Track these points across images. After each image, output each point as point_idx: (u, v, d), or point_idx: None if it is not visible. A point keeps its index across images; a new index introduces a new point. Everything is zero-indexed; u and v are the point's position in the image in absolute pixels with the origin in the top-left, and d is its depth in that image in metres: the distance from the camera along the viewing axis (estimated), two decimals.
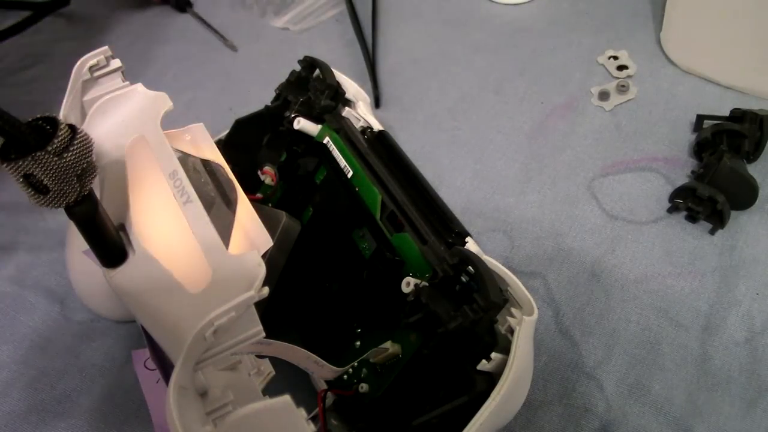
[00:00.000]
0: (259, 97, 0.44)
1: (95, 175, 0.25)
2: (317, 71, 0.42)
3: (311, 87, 0.41)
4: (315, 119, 0.40)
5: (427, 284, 0.31)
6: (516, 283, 0.30)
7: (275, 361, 0.31)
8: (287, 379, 0.33)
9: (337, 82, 0.40)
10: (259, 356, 0.31)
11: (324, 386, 0.34)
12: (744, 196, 0.43)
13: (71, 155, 0.23)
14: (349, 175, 0.37)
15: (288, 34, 0.62)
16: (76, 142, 0.23)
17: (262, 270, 0.24)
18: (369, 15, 0.61)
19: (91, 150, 0.24)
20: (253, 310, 0.24)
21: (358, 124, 0.40)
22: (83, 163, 0.24)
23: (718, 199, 0.41)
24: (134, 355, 0.39)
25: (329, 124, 0.39)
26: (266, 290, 0.24)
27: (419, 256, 0.32)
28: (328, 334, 0.36)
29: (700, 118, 0.48)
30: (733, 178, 0.42)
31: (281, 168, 0.41)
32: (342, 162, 0.37)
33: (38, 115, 0.23)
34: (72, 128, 0.23)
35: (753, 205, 0.43)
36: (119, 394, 0.39)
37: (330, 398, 0.33)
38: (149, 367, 0.38)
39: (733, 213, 0.43)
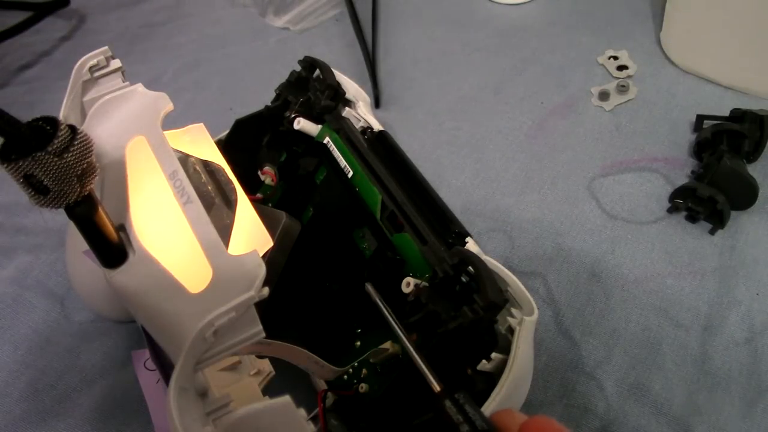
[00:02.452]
0: (259, 97, 0.44)
1: (95, 176, 0.25)
2: (317, 71, 0.42)
3: (311, 87, 0.41)
4: (315, 119, 0.40)
5: (427, 284, 0.31)
6: (516, 283, 0.30)
7: (275, 361, 0.31)
8: (287, 379, 0.33)
9: (337, 82, 0.40)
10: (259, 356, 0.31)
11: (324, 386, 0.34)
12: (744, 196, 0.43)
13: (71, 156, 0.23)
14: (350, 175, 0.37)
15: (288, 34, 0.62)
16: (76, 142, 0.23)
17: (262, 270, 0.24)
18: (369, 15, 0.61)
19: (92, 150, 0.24)
20: (253, 310, 0.24)
21: (358, 124, 0.40)
22: (83, 164, 0.23)
23: (718, 199, 0.41)
24: (134, 355, 0.39)
25: (329, 124, 0.39)
26: (266, 290, 0.24)
27: (419, 256, 0.32)
28: (328, 334, 0.36)
29: (700, 118, 0.48)
30: (733, 178, 0.42)
31: (281, 168, 0.41)
32: (342, 162, 0.37)
33: (38, 116, 0.23)
34: (72, 129, 0.23)
35: (753, 205, 0.43)
36: (119, 394, 0.39)
37: (330, 398, 0.33)
38: (149, 367, 0.38)
39: (733, 213, 0.43)
